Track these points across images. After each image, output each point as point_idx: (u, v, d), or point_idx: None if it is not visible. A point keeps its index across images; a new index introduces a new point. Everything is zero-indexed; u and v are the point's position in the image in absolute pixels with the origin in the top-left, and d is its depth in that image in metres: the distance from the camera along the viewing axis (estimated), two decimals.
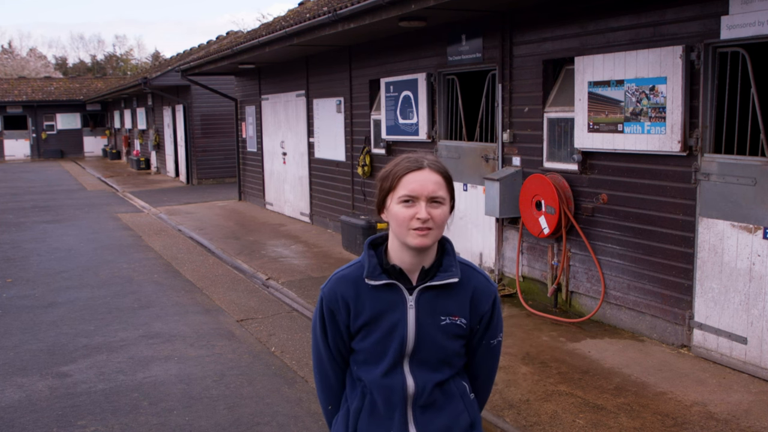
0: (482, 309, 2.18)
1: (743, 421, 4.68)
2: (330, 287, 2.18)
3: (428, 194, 2.04)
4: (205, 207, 16.57)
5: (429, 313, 2.12)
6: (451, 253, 2.17)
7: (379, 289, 2.13)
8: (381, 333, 2.13)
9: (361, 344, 2.17)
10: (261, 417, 5.02)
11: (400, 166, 2.09)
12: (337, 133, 12.13)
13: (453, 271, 2.13)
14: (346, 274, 2.18)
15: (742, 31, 5.29)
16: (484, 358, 2.27)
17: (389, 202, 2.10)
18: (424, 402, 2.15)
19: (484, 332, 2.22)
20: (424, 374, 2.15)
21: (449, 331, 2.14)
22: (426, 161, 2.08)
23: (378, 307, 2.13)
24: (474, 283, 2.18)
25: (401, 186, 2.06)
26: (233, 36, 21.03)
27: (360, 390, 2.20)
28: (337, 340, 2.21)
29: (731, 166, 5.49)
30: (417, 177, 2.05)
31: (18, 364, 6.21)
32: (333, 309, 2.17)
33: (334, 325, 2.18)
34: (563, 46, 7.03)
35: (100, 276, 9.56)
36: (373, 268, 2.13)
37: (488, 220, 8.28)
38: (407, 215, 2.04)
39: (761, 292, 5.31)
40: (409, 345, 2.12)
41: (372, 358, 2.16)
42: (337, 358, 2.24)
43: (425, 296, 2.13)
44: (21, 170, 30.81)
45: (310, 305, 7.87)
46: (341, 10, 8.35)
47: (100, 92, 34.90)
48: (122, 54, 69.27)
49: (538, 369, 5.69)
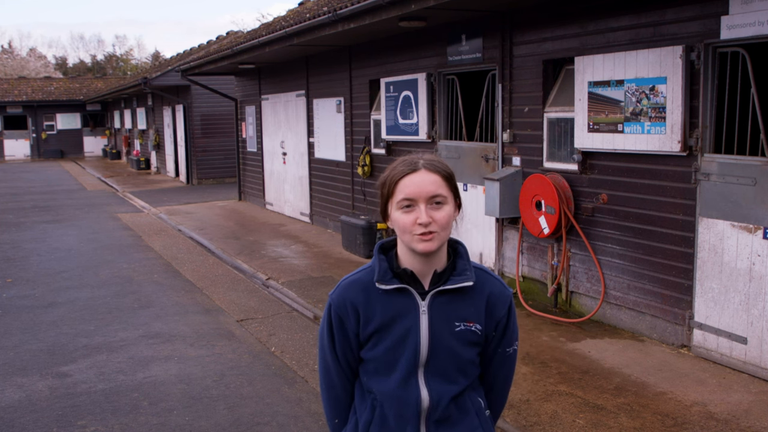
0: (498, 315, 2.09)
1: (743, 421, 4.68)
2: (338, 293, 2.09)
3: (427, 196, 1.95)
4: (205, 207, 16.57)
5: (443, 318, 2.03)
6: (464, 256, 2.08)
7: (391, 293, 2.03)
8: (392, 340, 2.03)
9: (371, 353, 2.07)
10: (261, 417, 5.02)
11: (396, 171, 2.00)
12: (337, 133, 12.13)
13: (467, 275, 2.03)
14: (355, 279, 2.08)
15: (742, 31, 5.29)
16: (499, 367, 2.17)
17: (390, 209, 2.01)
18: (438, 417, 2.04)
19: (500, 340, 2.12)
20: (440, 386, 2.04)
21: (464, 337, 2.04)
22: (422, 161, 1.99)
23: (389, 313, 2.03)
24: (490, 288, 2.08)
25: (398, 190, 1.97)
26: (233, 36, 21.04)
27: (370, 402, 2.09)
28: (345, 350, 2.11)
29: (731, 166, 5.49)
30: (413, 179, 1.96)
31: (18, 364, 6.21)
32: (342, 316, 2.07)
33: (343, 332, 2.09)
34: (563, 46, 7.03)
35: (100, 276, 9.56)
36: (384, 272, 2.03)
37: (488, 220, 8.28)
38: (408, 221, 1.95)
39: (761, 292, 5.31)
40: (422, 353, 2.02)
41: (383, 368, 2.06)
42: (345, 369, 2.13)
43: (438, 301, 2.03)
44: (21, 170, 30.81)
45: (310, 305, 7.87)
46: (341, 10, 8.35)
47: (100, 92, 34.92)
48: (122, 54, 69.33)
49: (538, 369, 5.69)
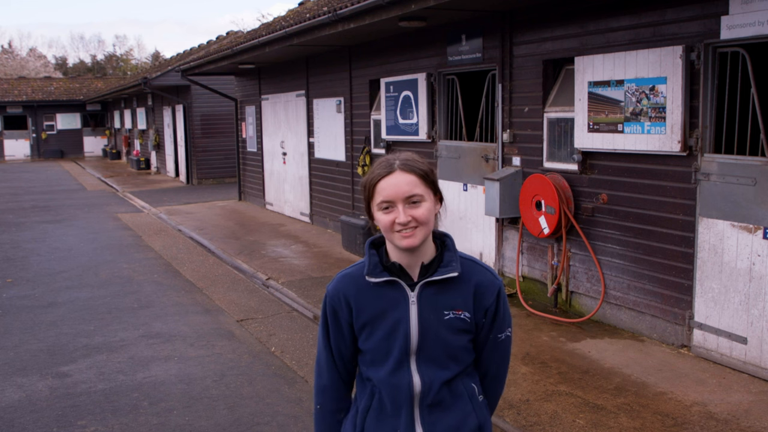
0: (486, 302, 2.17)
1: (743, 421, 4.68)
2: (333, 286, 2.21)
3: (403, 196, 2.05)
4: (205, 207, 16.57)
5: (432, 308, 2.13)
6: (451, 248, 2.17)
7: (381, 286, 2.14)
8: (384, 331, 2.14)
9: (366, 344, 2.18)
10: (261, 417, 5.02)
11: (374, 174, 2.10)
12: (337, 133, 12.13)
13: (453, 266, 2.13)
14: (348, 273, 2.20)
15: (742, 31, 5.29)
16: (491, 353, 2.26)
17: (373, 210, 2.12)
18: (431, 401, 2.15)
19: (491, 327, 2.21)
20: (431, 372, 2.14)
21: (453, 325, 2.14)
22: (397, 162, 2.08)
23: (380, 305, 2.14)
24: (478, 277, 2.17)
25: (377, 193, 2.08)
26: (233, 36, 21.04)
27: (369, 389, 2.21)
28: (338, 339, 2.22)
29: (731, 166, 5.49)
30: (390, 182, 2.06)
31: (18, 364, 6.21)
32: (336, 307, 2.19)
33: (337, 324, 2.20)
34: (563, 46, 7.03)
35: (100, 276, 9.56)
36: (373, 266, 2.14)
37: (488, 220, 8.28)
38: (388, 221, 2.06)
39: (761, 292, 5.31)
40: (413, 341, 2.12)
41: (378, 357, 2.17)
42: (336, 361, 2.24)
43: (427, 292, 2.13)
44: (21, 170, 30.81)
45: (310, 305, 7.87)
46: (341, 10, 8.35)
47: (100, 92, 34.91)
48: (122, 54, 69.30)
49: (538, 369, 5.69)
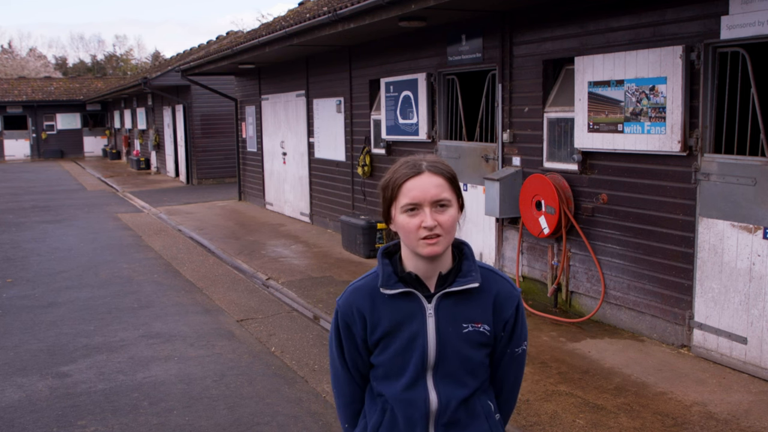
0: (506, 314, 2.06)
1: (743, 421, 4.68)
2: (345, 300, 2.08)
3: (431, 199, 1.93)
4: (205, 207, 16.57)
5: (450, 321, 2.01)
6: (470, 257, 2.06)
7: (396, 298, 2.01)
8: (400, 345, 2.01)
9: (379, 358, 2.06)
10: (261, 417, 5.02)
11: (398, 173, 1.97)
12: (337, 133, 12.13)
13: (473, 276, 2.01)
14: (360, 285, 2.07)
15: (742, 31, 5.29)
16: (508, 368, 2.14)
17: (394, 213, 1.99)
18: (447, 420, 2.03)
19: (509, 340, 2.10)
20: (449, 389, 2.02)
21: (472, 339, 2.03)
22: (425, 163, 1.97)
23: (396, 318, 2.01)
24: (497, 288, 2.06)
25: (402, 194, 1.95)
26: (233, 36, 21.04)
27: (380, 405, 2.09)
28: (354, 356, 2.10)
29: (731, 166, 5.49)
30: (417, 183, 1.94)
31: (18, 364, 6.21)
32: (349, 322, 2.07)
33: (351, 339, 2.08)
34: (563, 46, 7.03)
35: (100, 276, 9.56)
36: (387, 276, 2.01)
37: (488, 220, 8.28)
38: (413, 225, 1.93)
39: (761, 292, 5.31)
40: (430, 356, 2.00)
41: (392, 372, 2.04)
42: (354, 376, 2.13)
43: (445, 303, 2.01)
44: (21, 170, 30.81)
45: (310, 305, 7.87)
46: (341, 10, 8.35)
47: (100, 92, 34.91)
48: (122, 54, 69.28)
49: (538, 369, 5.69)
